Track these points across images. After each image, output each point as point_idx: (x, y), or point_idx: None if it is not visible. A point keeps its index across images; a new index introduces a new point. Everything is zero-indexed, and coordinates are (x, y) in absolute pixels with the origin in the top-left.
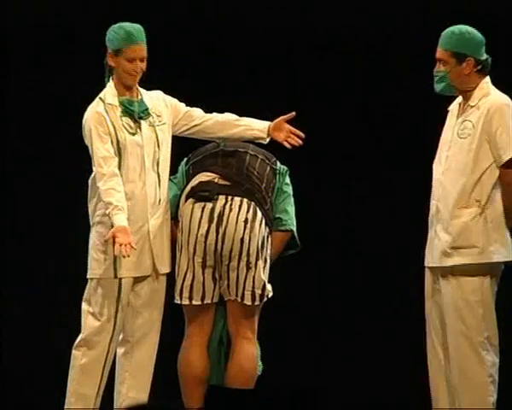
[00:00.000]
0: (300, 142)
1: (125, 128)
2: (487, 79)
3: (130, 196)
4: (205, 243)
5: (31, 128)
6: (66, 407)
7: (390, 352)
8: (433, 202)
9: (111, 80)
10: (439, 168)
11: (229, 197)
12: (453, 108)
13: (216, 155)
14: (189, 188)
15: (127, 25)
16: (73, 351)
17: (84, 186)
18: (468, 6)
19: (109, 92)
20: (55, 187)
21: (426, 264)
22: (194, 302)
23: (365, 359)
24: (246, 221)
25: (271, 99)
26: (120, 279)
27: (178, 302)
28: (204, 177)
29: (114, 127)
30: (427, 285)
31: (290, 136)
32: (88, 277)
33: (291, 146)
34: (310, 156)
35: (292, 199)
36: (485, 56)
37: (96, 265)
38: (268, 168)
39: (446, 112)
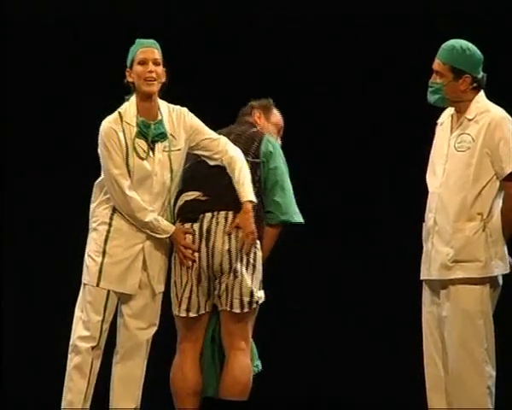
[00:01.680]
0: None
1: (136, 151)
2: (481, 92)
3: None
4: (198, 259)
5: (30, 130)
6: None
7: (385, 354)
8: (429, 215)
9: (133, 97)
10: (434, 181)
11: (215, 213)
12: (444, 120)
13: (197, 169)
14: (176, 208)
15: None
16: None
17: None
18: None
19: (129, 110)
20: (56, 189)
21: (422, 277)
22: (191, 314)
23: (362, 362)
24: (230, 233)
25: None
26: (109, 291)
27: (177, 314)
28: (188, 196)
29: (127, 149)
30: (425, 299)
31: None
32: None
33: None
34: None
35: (283, 179)
36: (481, 74)
37: (85, 271)
38: (249, 164)
39: (434, 125)
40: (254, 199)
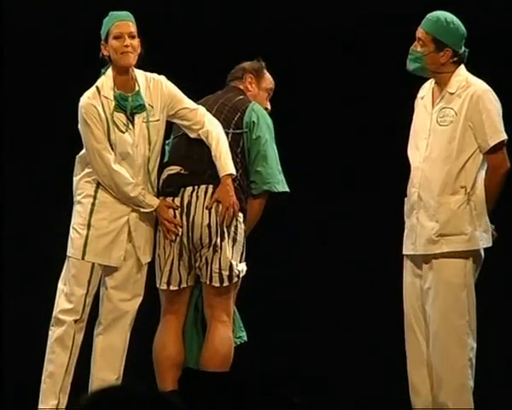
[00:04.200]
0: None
1: (116, 125)
2: (462, 66)
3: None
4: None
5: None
6: (41, 385)
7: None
8: (413, 190)
9: (109, 70)
10: (417, 156)
11: (196, 187)
12: (424, 94)
13: (179, 143)
14: (160, 182)
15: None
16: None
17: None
18: None
19: (106, 83)
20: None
21: (405, 252)
22: (171, 288)
23: (345, 343)
24: (210, 208)
25: None
26: (93, 264)
27: (158, 286)
28: (171, 170)
29: (108, 123)
30: (407, 273)
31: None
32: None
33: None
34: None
35: (266, 149)
36: (463, 49)
37: (70, 244)
38: (229, 137)
39: (413, 98)
40: (233, 171)
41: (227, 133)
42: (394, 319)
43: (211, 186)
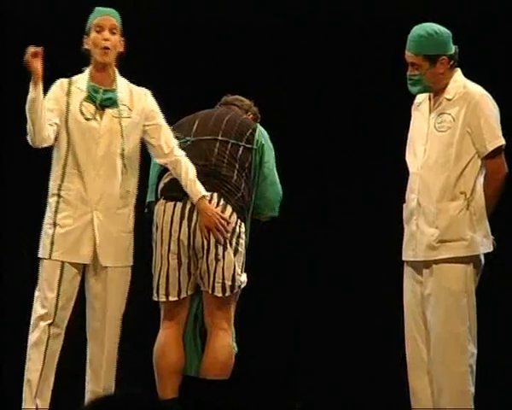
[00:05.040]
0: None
1: (82, 112)
2: (458, 70)
3: (75, 180)
4: (178, 239)
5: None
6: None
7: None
8: (412, 196)
9: (88, 68)
10: (415, 162)
11: None
12: (421, 101)
13: (184, 149)
14: (162, 184)
15: None
16: None
17: None
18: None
19: (82, 77)
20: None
21: (405, 258)
22: (171, 298)
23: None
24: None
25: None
26: (62, 263)
27: (156, 299)
28: (172, 175)
29: (68, 108)
30: (407, 279)
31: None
32: None
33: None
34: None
35: (272, 176)
36: (454, 49)
37: (41, 244)
38: (240, 150)
39: (410, 105)
40: (205, 193)
41: (239, 145)
42: (394, 325)
43: (215, 194)
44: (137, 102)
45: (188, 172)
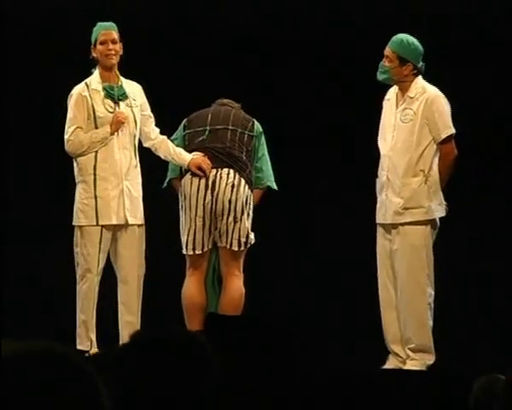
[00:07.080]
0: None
1: (106, 108)
2: (420, 77)
3: (108, 160)
4: (203, 205)
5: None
6: (76, 330)
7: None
8: (382, 173)
9: (96, 69)
10: (385, 146)
11: (219, 169)
12: (391, 97)
13: (203, 133)
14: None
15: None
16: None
17: None
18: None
19: (94, 79)
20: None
21: (378, 221)
22: (196, 252)
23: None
24: (232, 186)
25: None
26: (102, 227)
27: (185, 253)
28: (197, 155)
29: (94, 108)
30: (379, 237)
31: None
32: (74, 224)
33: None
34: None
35: (267, 156)
36: (421, 64)
37: (81, 215)
38: (246, 137)
39: (381, 100)
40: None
41: (244, 133)
42: (372, 272)
43: (232, 170)
44: (137, 94)
45: (173, 147)
